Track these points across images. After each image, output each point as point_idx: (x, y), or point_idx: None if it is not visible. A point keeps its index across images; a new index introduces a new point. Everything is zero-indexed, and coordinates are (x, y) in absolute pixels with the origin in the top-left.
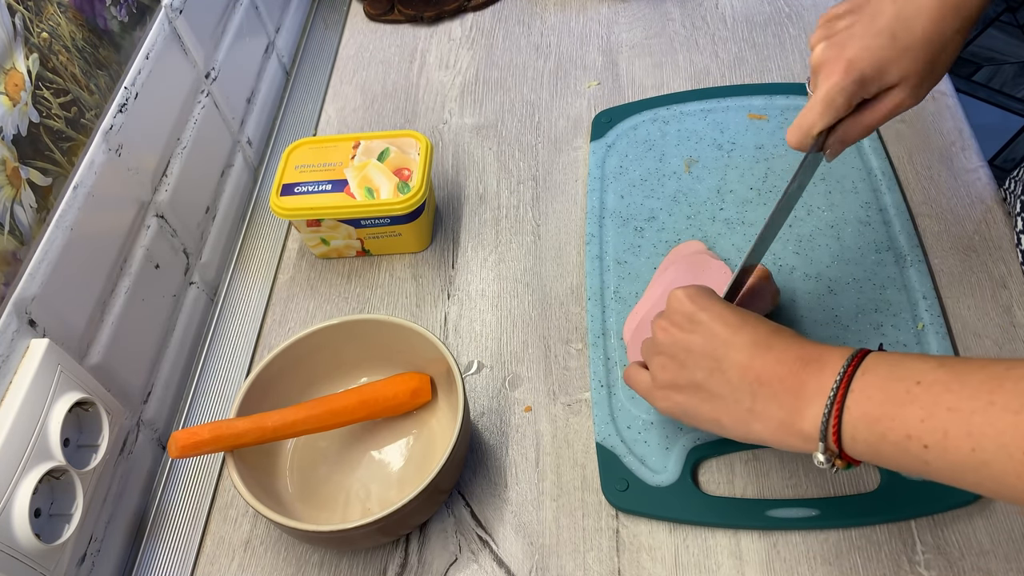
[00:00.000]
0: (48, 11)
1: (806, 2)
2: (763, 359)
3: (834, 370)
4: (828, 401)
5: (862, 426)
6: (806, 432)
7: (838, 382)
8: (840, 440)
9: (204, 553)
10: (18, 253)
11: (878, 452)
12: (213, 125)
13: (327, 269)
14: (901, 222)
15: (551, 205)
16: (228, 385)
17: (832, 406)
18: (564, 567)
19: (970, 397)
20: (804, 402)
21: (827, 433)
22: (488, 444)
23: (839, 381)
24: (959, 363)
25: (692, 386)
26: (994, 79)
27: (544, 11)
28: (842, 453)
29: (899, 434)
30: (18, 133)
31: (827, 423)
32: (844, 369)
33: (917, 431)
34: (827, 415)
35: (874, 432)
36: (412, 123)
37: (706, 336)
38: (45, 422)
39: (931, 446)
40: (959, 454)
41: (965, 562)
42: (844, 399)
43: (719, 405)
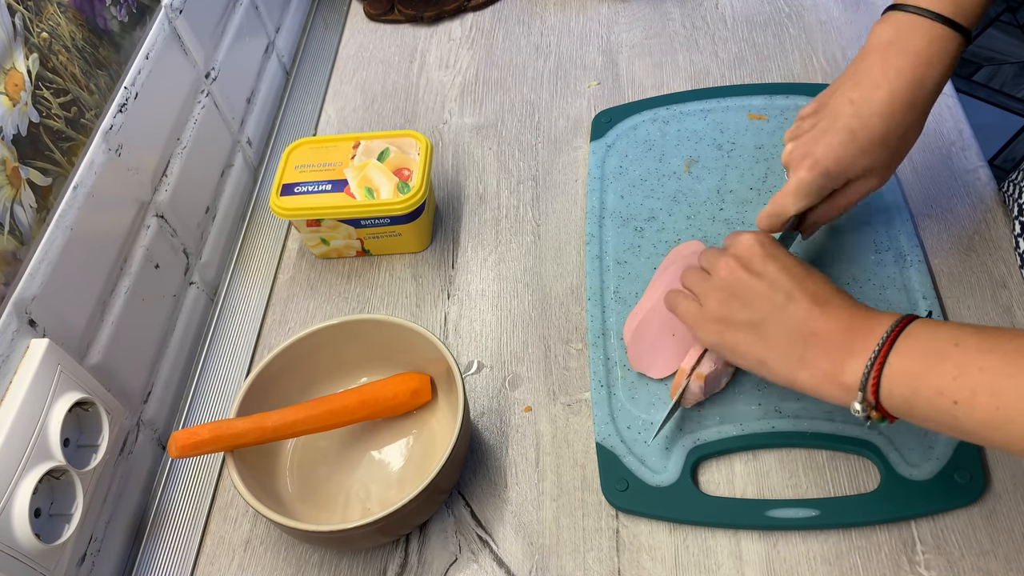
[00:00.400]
0: (48, 11)
1: (806, 2)
2: (821, 314)
3: (882, 329)
4: (872, 356)
5: (899, 381)
6: (847, 383)
7: (883, 339)
8: (878, 393)
9: (204, 553)
10: (18, 253)
11: (911, 406)
12: (213, 125)
13: (327, 269)
14: (901, 222)
15: (551, 205)
16: (228, 385)
17: (875, 360)
18: (564, 567)
19: (1002, 361)
20: (850, 356)
21: (867, 385)
22: (488, 444)
23: (884, 339)
24: (996, 331)
25: (747, 325)
26: (994, 79)
27: (544, 11)
28: (878, 405)
29: (932, 390)
30: (18, 133)
31: (868, 376)
32: (891, 329)
33: (949, 388)
34: (868, 368)
35: (909, 387)
36: (412, 123)
37: (771, 282)
38: (45, 422)
39: (960, 402)
40: (985, 412)
41: (965, 562)
42: (887, 356)
43: (770, 347)
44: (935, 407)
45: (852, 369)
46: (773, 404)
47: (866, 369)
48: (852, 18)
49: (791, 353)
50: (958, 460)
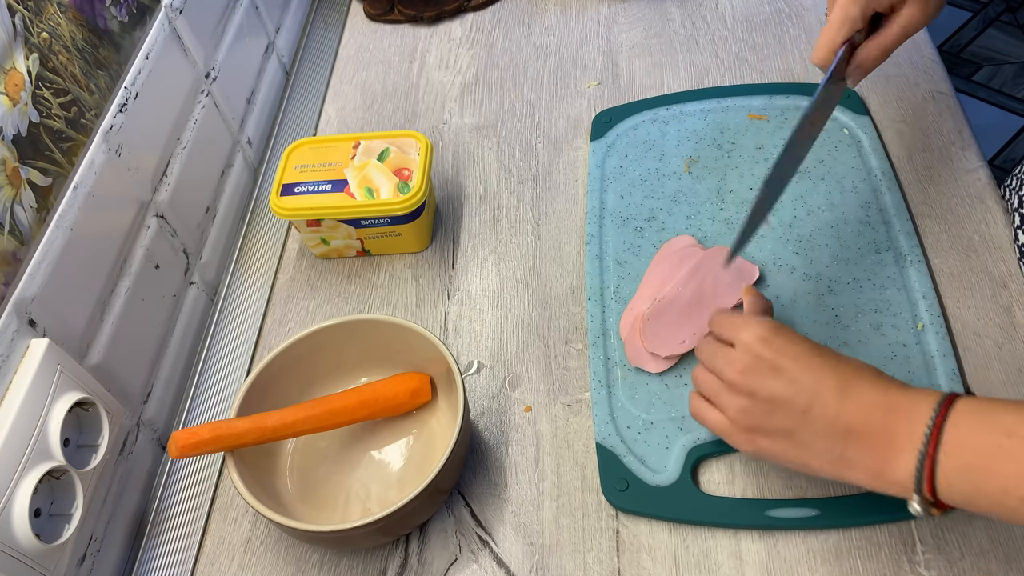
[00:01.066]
0: (48, 11)
1: (806, 2)
2: (851, 408)
3: (923, 419)
4: (920, 454)
5: (956, 478)
6: (901, 482)
7: (928, 434)
8: (935, 490)
9: (204, 553)
10: (18, 253)
11: (974, 503)
12: (213, 125)
13: (327, 269)
14: (901, 222)
15: (551, 205)
16: (228, 385)
17: (924, 459)
18: (564, 567)
19: None
20: (895, 452)
21: (921, 485)
22: (488, 444)
23: (929, 433)
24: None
25: (778, 433)
26: (994, 79)
27: (544, 11)
28: (937, 502)
29: (994, 487)
30: (18, 133)
31: (920, 475)
32: (934, 419)
33: (1014, 485)
34: (920, 468)
35: (969, 484)
36: (412, 123)
37: (789, 384)
38: (45, 422)
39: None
40: None
41: (965, 562)
42: (936, 451)
43: (808, 452)
44: (1001, 504)
45: (902, 466)
46: None
47: (917, 468)
48: None
49: (831, 453)
50: None
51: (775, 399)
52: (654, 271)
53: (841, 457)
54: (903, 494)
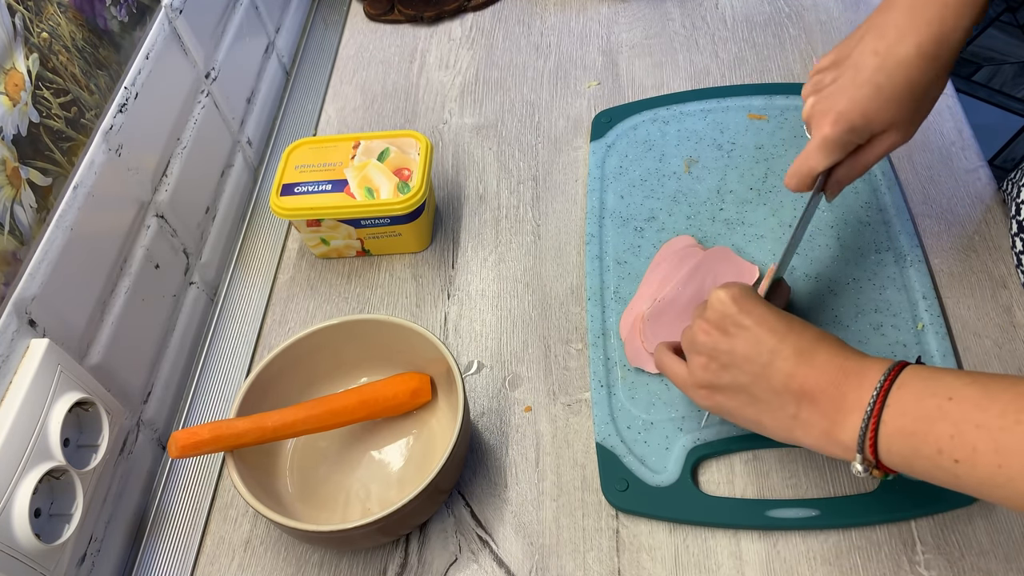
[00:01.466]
0: (48, 11)
1: (806, 2)
2: (807, 368)
3: (872, 383)
4: (865, 415)
5: (897, 440)
6: (845, 442)
7: (875, 396)
8: (876, 452)
9: (204, 553)
10: (18, 253)
11: (911, 465)
12: (213, 125)
13: (327, 269)
14: (901, 222)
15: (551, 205)
16: (228, 385)
17: (869, 420)
18: (564, 567)
19: (999, 415)
20: (844, 414)
21: (864, 445)
22: (488, 444)
23: (876, 395)
24: (991, 380)
25: (734, 388)
26: (994, 79)
27: (544, 11)
28: (879, 464)
29: (931, 448)
30: (18, 133)
31: (864, 436)
32: (881, 383)
33: (948, 447)
34: (864, 428)
35: (908, 446)
36: (412, 123)
37: (750, 341)
38: (45, 422)
39: (961, 461)
40: (987, 470)
41: (965, 562)
42: (880, 413)
43: (762, 408)
44: (936, 465)
45: (849, 427)
46: None
47: (862, 428)
48: (852, 18)
49: (784, 412)
50: None
51: (733, 353)
52: (654, 271)
53: (794, 416)
54: (846, 456)
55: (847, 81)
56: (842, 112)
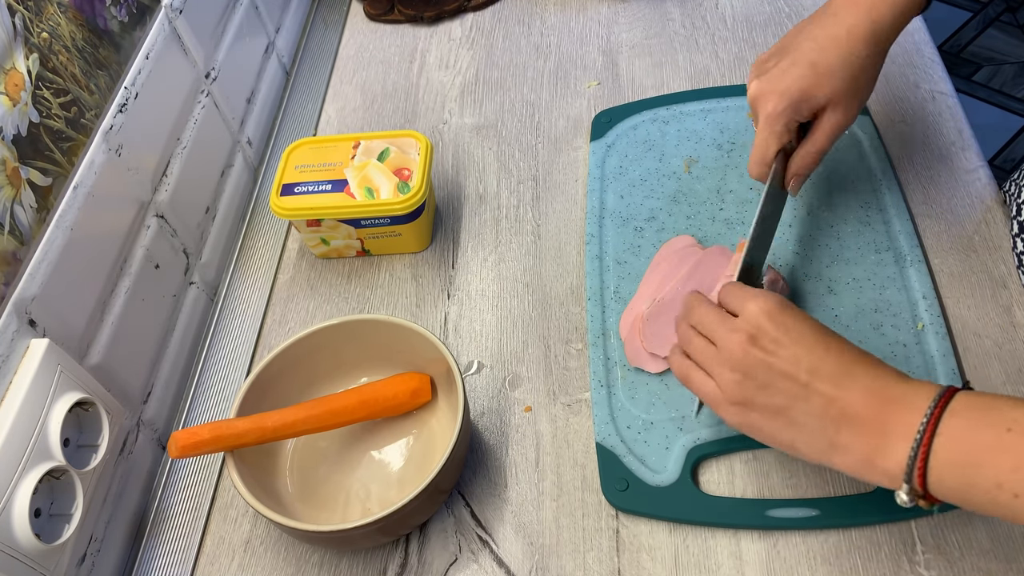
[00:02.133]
0: (48, 11)
1: (806, 2)
2: (847, 391)
3: (921, 410)
4: (914, 444)
5: (949, 472)
6: (890, 471)
7: (924, 424)
8: (926, 483)
9: (204, 553)
10: (18, 253)
11: (965, 498)
12: (213, 125)
13: (327, 269)
14: (901, 222)
15: (551, 205)
16: (228, 385)
17: (919, 449)
18: (564, 567)
19: None
20: (889, 441)
21: (912, 476)
22: (488, 444)
23: (926, 423)
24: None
25: (771, 409)
26: (994, 79)
27: (544, 11)
28: (927, 494)
29: (989, 482)
30: (18, 133)
31: (912, 466)
32: (931, 409)
33: (1008, 481)
34: (913, 458)
35: (962, 478)
36: (412, 123)
37: (789, 361)
38: (45, 422)
39: (1021, 495)
40: None
41: (965, 562)
42: (931, 442)
43: (798, 433)
44: (993, 500)
45: (893, 455)
46: None
47: (910, 457)
48: None
49: (821, 437)
50: None
51: (771, 372)
52: (654, 271)
53: (832, 442)
54: (891, 484)
55: (786, 63)
56: (782, 91)
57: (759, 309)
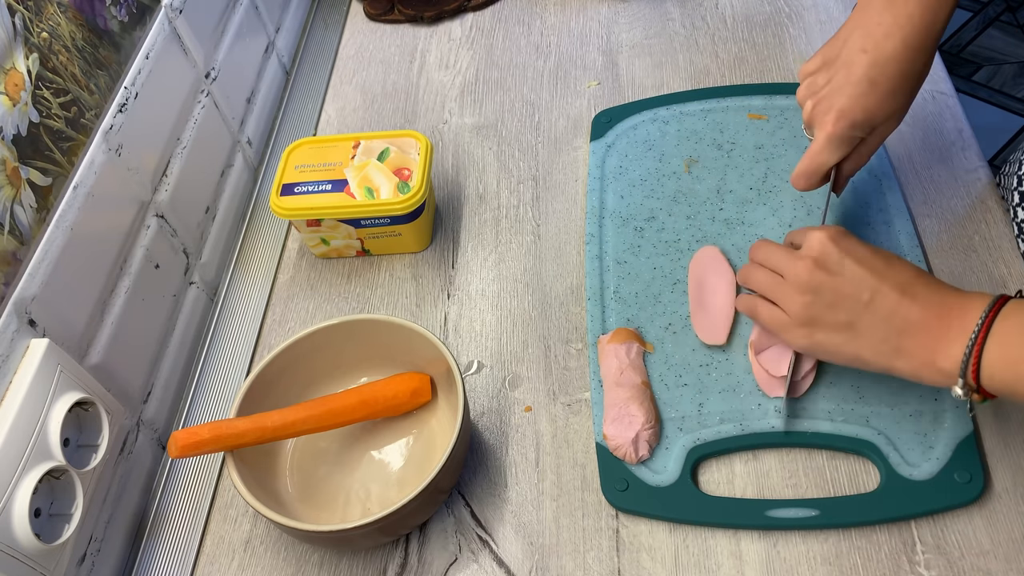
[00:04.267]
0: (48, 11)
1: (806, 2)
2: (909, 302)
3: (976, 314)
4: (969, 342)
5: (1000, 366)
6: (947, 370)
7: (979, 324)
8: (979, 378)
9: (204, 553)
10: (18, 253)
11: (1015, 390)
12: (213, 125)
13: (327, 269)
14: (901, 222)
15: (551, 205)
16: (228, 385)
17: (972, 347)
18: (564, 567)
19: None
20: (947, 343)
21: (967, 371)
22: (488, 444)
23: (980, 324)
24: None
25: (837, 326)
26: (994, 79)
27: (544, 11)
28: (980, 388)
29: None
30: (18, 133)
31: (967, 363)
32: (986, 313)
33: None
34: (967, 355)
35: (1013, 372)
36: (412, 123)
37: (854, 279)
38: (45, 422)
39: None
40: None
41: (965, 562)
42: (984, 341)
43: (863, 343)
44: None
45: (950, 355)
46: (773, 403)
47: (964, 356)
48: None
49: (886, 344)
50: (958, 460)
51: (838, 291)
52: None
53: (897, 348)
54: (947, 382)
55: (842, 80)
56: (843, 110)
57: (824, 235)
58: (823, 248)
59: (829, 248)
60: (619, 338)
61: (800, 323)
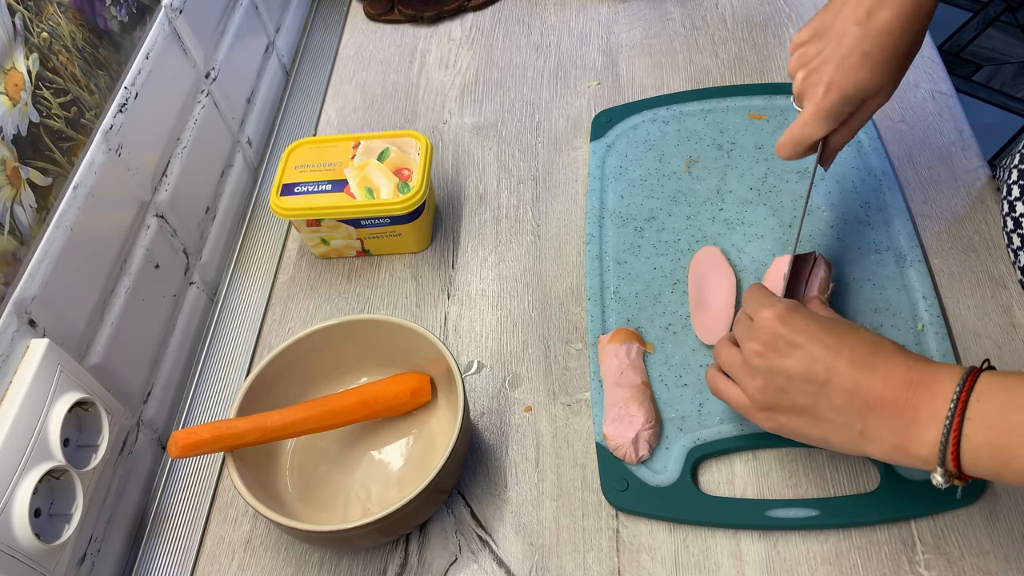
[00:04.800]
0: (48, 11)
1: (806, 2)
2: (868, 382)
3: (946, 396)
4: (944, 429)
5: (983, 454)
6: (923, 456)
7: (952, 410)
8: (959, 465)
9: (204, 553)
10: (18, 253)
11: (1000, 476)
12: (213, 125)
13: (327, 269)
14: (901, 222)
15: (551, 205)
16: (228, 385)
17: (949, 434)
18: (564, 567)
19: None
20: (918, 428)
21: (946, 459)
22: (488, 444)
23: (953, 409)
24: None
25: (796, 409)
26: (994, 79)
27: (544, 11)
28: (962, 474)
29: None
30: (18, 133)
31: (945, 451)
32: (957, 395)
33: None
34: (944, 443)
35: (997, 460)
36: (412, 123)
37: (805, 360)
38: (45, 422)
39: None
40: None
41: (965, 562)
42: (960, 426)
43: (827, 427)
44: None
45: (926, 442)
46: None
47: (941, 443)
48: None
49: (851, 429)
50: None
51: (790, 375)
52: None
53: (862, 432)
54: (925, 467)
55: (832, 51)
56: (833, 82)
57: (772, 314)
58: (771, 329)
59: (777, 328)
60: (619, 338)
61: (759, 407)
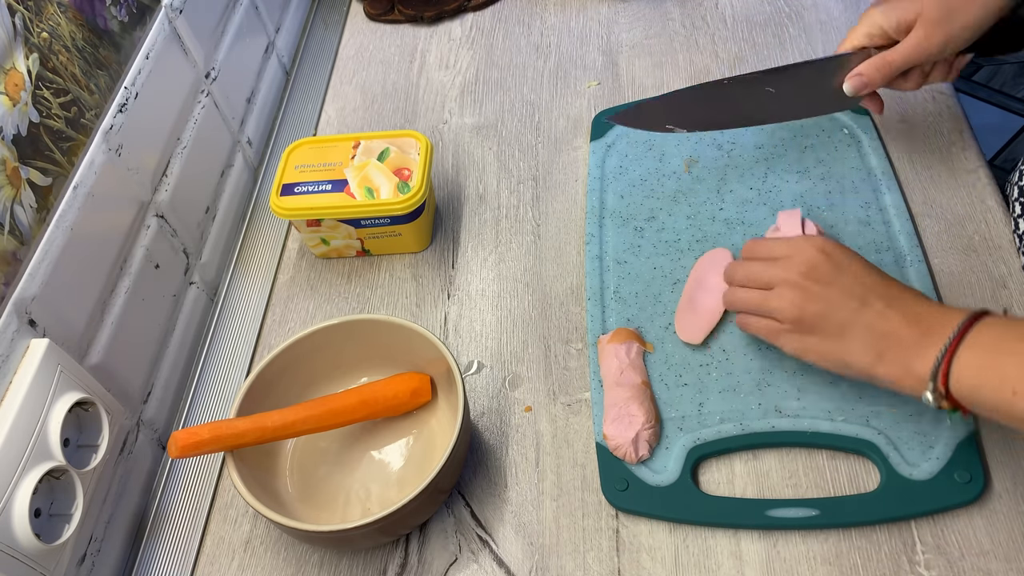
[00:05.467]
0: (48, 11)
1: (806, 2)
2: (894, 314)
3: (953, 324)
4: (943, 348)
5: (967, 372)
6: (921, 374)
7: (955, 333)
8: (948, 383)
9: (204, 553)
10: (18, 253)
11: (977, 396)
12: (213, 125)
13: (327, 269)
14: (901, 222)
15: (551, 205)
16: (228, 385)
17: (945, 352)
18: (564, 567)
19: None
20: (924, 348)
21: (937, 375)
22: (488, 444)
23: (956, 332)
24: None
25: (827, 331)
26: (994, 79)
27: (544, 11)
28: (948, 396)
29: (996, 380)
30: (18, 133)
31: (938, 366)
32: (962, 324)
33: (1012, 379)
34: (939, 360)
35: (977, 378)
36: (412, 123)
37: (843, 289)
38: (45, 422)
39: (1018, 393)
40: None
41: (965, 562)
42: (957, 349)
43: (850, 351)
44: (999, 397)
45: (926, 360)
46: (773, 403)
47: (936, 360)
48: (852, 18)
49: (870, 352)
50: (958, 460)
51: (829, 301)
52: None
53: (879, 354)
54: (920, 388)
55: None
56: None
57: (816, 246)
58: (817, 258)
59: (821, 259)
60: (619, 338)
61: (793, 331)
